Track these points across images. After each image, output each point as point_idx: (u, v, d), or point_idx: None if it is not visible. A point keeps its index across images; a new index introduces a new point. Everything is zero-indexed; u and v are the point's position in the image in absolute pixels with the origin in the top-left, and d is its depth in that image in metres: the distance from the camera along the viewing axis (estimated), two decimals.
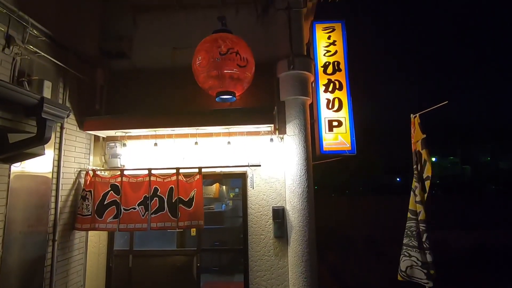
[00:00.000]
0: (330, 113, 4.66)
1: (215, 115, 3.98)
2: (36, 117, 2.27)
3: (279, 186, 4.24)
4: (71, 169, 3.81)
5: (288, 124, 4.30)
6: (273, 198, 4.21)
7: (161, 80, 4.58)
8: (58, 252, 3.48)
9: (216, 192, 7.74)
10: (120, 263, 4.15)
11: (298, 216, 4.04)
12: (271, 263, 4.05)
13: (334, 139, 4.60)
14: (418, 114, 3.87)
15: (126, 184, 3.91)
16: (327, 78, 4.74)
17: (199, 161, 4.18)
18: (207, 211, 7.42)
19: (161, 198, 3.87)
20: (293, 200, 4.10)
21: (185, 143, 4.30)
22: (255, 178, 4.24)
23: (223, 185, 7.79)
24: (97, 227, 3.83)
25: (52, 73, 3.52)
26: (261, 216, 4.18)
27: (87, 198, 3.86)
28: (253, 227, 4.15)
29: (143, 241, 4.49)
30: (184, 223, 3.82)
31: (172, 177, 3.91)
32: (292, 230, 4.03)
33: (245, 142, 4.30)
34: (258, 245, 4.10)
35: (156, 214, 3.83)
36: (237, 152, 4.27)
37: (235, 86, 3.81)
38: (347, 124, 4.62)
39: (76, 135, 3.94)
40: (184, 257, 4.15)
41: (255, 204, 4.20)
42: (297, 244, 3.98)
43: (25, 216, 3.10)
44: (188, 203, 3.86)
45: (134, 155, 4.34)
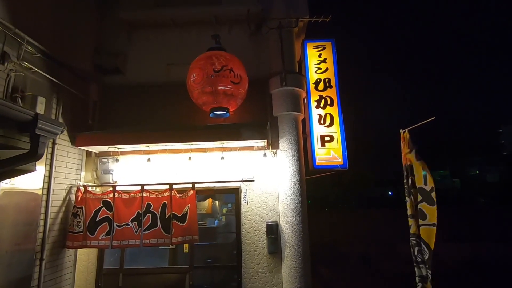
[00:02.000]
0: (322, 128, 4.75)
1: (209, 131, 4.01)
2: (29, 133, 2.26)
3: (273, 201, 4.24)
4: (62, 185, 3.75)
5: (281, 139, 4.36)
6: (267, 213, 4.20)
7: (155, 95, 4.62)
8: (46, 272, 3.36)
9: (209, 208, 7.65)
10: (109, 283, 4.02)
11: (292, 231, 4.03)
12: (265, 279, 3.99)
13: (326, 154, 4.67)
14: (407, 129, 4.00)
15: (118, 200, 3.85)
16: (319, 94, 4.86)
17: (192, 176, 4.17)
18: (199, 227, 7.36)
19: (154, 214, 3.82)
20: (286, 215, 4.10)
21: (179, 158, 4.30)
22: (248, 193, 4.24)
23: (216, 200, 7.71)
24: (89, 244, 3.73)
25: (45, 89, 3.52)
26: (254, 231, 4.15)
27: (78, 215, 3.78)
28: (247, 243, 4.11)
29: (134, 259, 4.39)
30: (178, 238, 3.77)
31: (165, 192, 3.88)
32: (286, 246, 4.01)
33: (239, 157, 4.33)
34: (252, 261, 4.05)
35: (149, 231, 3.77)
36: (230, 167, 4.28)
37: (229, 102, 3.87)
38: (339, 139, 4.71)
39: (68, 151, 3.91)
40: (176, 275, 4.05)
41: (248, 219, 4.19)
42: (291, 260, 3.95)
43: (12, 234, 3.02)
44: (181, 219, 3.82)
45: (126, 171, 4.30)
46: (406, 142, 3.93)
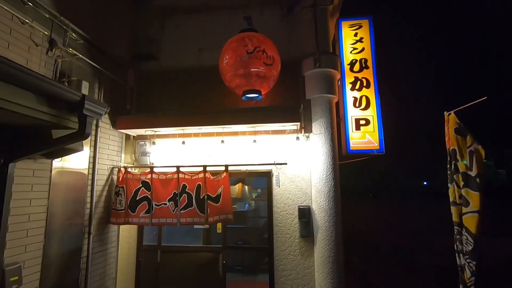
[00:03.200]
0: (357, 111, 4.57)
1: (240, 114, 4.02)
2: (78, 113, 2.40)
3: (305, 185, 4.20)
4: (105, 166, 3.99)
5: (314, 123, 4.26)
6: (299, 197, 4.18)
7: (188, 80, 4.71)
8: (93, 245, 3.64)
9: (238, 193, 7.80)
10: (148, 258, 4.27)
11: (324, 215, 3.98)
12: (297, 262, 4.01)
13: (361, 138, 4.51)
14: (453, 111, 3.71)
15: (156, 180, 4.03)
16: (354, 76, 4.66)
17: (225, 159, 4.24)
18: None
19: (190, 194, 3.95)
20: (319, 199, 4.04)
21: (212, 141, 4.38)
22: (280, 176, 4.23)
23: (245, 185, 7.83)
24: (130, 221, 3.98)
25: (88, 74, 3.72)
26: (286, 215, 4.15)
27: (120, 194, 4.02)
28: (279, 225, 4.13)
29: (171, 238, 4.61)
30: (213, 218, 3.88)
31: (199, 174, 3.99)
32: (319, 230, 3.98)
33: (271, 141, 4.31)
34: (284, 244, 4.08)
35: (185, 210, 3.92)
36: (262, 151, 4.28)
37: (261, 84, 3.83)
38: (375, 122, 4.51)
39: (110, 134, 4.13)
40: (210, 254, 4.20)
41: (280, 203, 4.19)
42: (323, 244, 3.91)
43: (64, 210, 3.28)
44: (215, 199, 3.92)
45: (162, 153, 4.47)
46: (452, 125, 3.66)
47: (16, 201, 2.65)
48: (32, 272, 2.80)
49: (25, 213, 2.76)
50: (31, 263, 2.79)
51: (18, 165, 2.67)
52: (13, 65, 1.91)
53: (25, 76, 1.98)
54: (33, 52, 2.93)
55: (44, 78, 2.14)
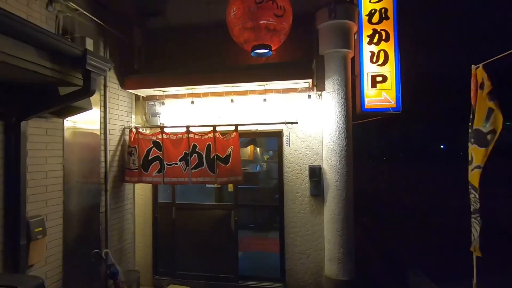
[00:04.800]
0: (374, 67, 4.31)
1: (250, 71, 3.86)
2: (81, 69, 2.35)
3: (316, 145, 4.13)
4: (116, 126, 4.03)
5: (327, 80, 4.06)
6: (310, 157, 4.13)
7: (196, 37, 4.50)
8: (110, 201, 3.81)
9: (250, 155, 7.84)
10: (164, 214, 4.47)
11: (335, 175, 3.95)
12: (307, 220, 4.09)
13: (377, 95, 4.30)
14: (481, 64, 3.41)
15: (166, 141, 4.06)
16: (372, 28, 4.31)
17: (235, 119, 4.17)
18: None
19: (200, 154, 3.98)
20: (330, 159, 3.99)
21: (221, 101, 4.29)
22: (291, 136, 4.16)
23: (257, 147, 7.84)
24: (144, 180, 4.10)
25: (92, 32, 3.59)
26: (297, 174, 4.15)
27: (132, 154, 4.10)
28: (289, 185, 4.16)
29: (185, 196, 4.76)
30: (222, 179, 3.93)
31: (209, 134, 3.97)
32: (329, 189, 3.98)
33: (282, 100, 4.18)
34: (294, 202, 4.14)
35: (196, 169, 3.98)
36: (273, 110, 4.17)
37: (271, 38, 3.60)
38: (393, 79, 4.26)
39: (119, 94, 4.10)
40: (223, 211, 4.34)
41: (291, 162, 4.17)
42: (334, 203, 3.94)
43: (79, 168, 3.39)
44: (225, 160, 3.93)
45: (172, 114, 4.45)
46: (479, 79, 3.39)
47: (32, 159, 2.73)
48: (54, 225, 2.98)
49: (43, 170, 2.87)
50: (53, 216, 2.96)
51: (31, 124, 2.72)
52: (12, 17, 1.84)
53: (24, 28, 1.92)
54: (33, 7, 2.82)
55: (44, 31, 2.06)
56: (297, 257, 4.09)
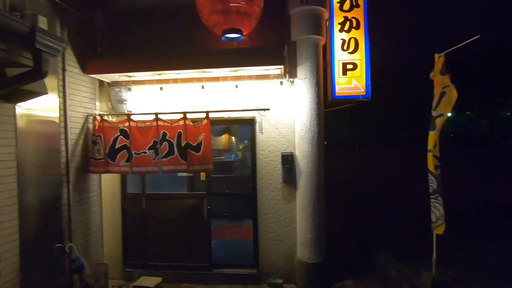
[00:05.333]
0: (345, 55, 4.34)
1: (221, 56, 3.76)
2: (30, 48, 2.14)
3: (289, 132, 4.14)
4: (78, 114, 3.78)
5: (299, 67, 4.05)
6: (282, 144, 4.14)
7: (164, 20, 4.28)
8: (73, 193, 3.60)
9: (225, 144, 7.75)
10: (134, 205, 4.32)
11: (307, 161, 4.00)
12: (280, 206, 4.13)
13: (347, 83, 4.35)
14: (444, 52, 3.55)
15: (134, 128, 3.88)
16: (344, 15, 4.32)
17: (206, 106, 4.06)
18: (216, 161, 7.58)
19: (171, 142, 3.85)
20: (302, 146, 4.02)
21: (192, 87, 4.15)
22: (264, 123, 4.14)
23: (232, 136, 7.78)
24: (111, 170, 3.91)
25: (48, 10, 3.29)
26: (270, 161, 4.15)
27: (97, 143, 3.88)
28: (262, 172, 4.16)
29: (155, 185, 4.62)
30: (193, 167, 3.85)
31: (179, 121, 3.84)
32: (301, 175, 4.03)
33: (254, 87, 4.12)
34: (267, 189, 4.15)
35: (167, 158, 3.85)
36: (245, 97, 4.11)
37: (242, 22, 3.51)
38: (363, 66, 4.32)
39: (80, 79, 3.84)
40: (195, 200, 4.27)
41: (264, 150, 4.16)
42: (305, 189, 4.00)
43: (36, 158, 3.15)
44: (196, 148, 3.84)
45: (140, 101, 4.25)
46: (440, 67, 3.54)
47: None
48: (8, 219, 2.75)
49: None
50: (5, 210, 2.73)
51: None
52: None
53: None
54: None
55: None
56: (271, 243, 4.14)
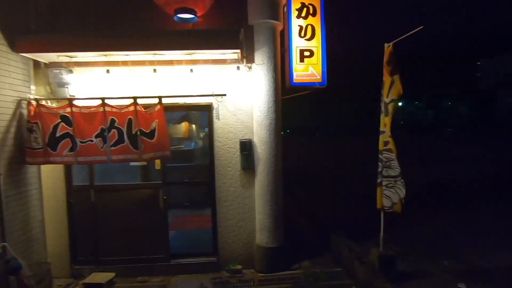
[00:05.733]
0: (302, 41, 4.35)
1: (173, 37, 3.55)
2: None
3: (247, 118, 4.09)
4: (8, 98, 3.33)
5: (257, 52, 3.99)
6: (241, 131, 4.09)
7: None
8: (7, 186, 3.21)
9: (185, 132, 7.53)
10: (81, 198, 4.00)
11: (265, 148, 4.00)
12: (238, 193, 4.11)
13: (304, 70, 4.38)
14: (392, 42, 3.72)
15: (77, 115, 3.54)
16: (301, 1, 4.30)
17: (159, 91, 3.84)
18: (176, 150, 7.33)
19: (120, 129, 3.59)
20: (260, 132, 4.01)
21: (143, 71, 3.89)
22: (221, 110, 4.03)
23: (192, 124, 7.56)
24: (52, 160, 3.55)
25: None
26: (228, 148, 4.09)
27: (34, 131, 3.48)
28: (220, 159, 4.08)
29: (105, 176, 4.31)
30: (148, 154, 3.64)
31: (129, 107, 3.58)
32: (259, 162, 4.03)
33: (210, 72, 3.98)
34: (225, 177, 4.09)
35: (116, 147, 3.59)
36: (201, 83, 3.96)
37: (196, 2, 3.33)
38: (319, 54, 4.37)
39: (10, 58, 3.37)
40: (150, 190, 4.07)
41: (221, 137, 4.07)
42: (264, 175, 4.02)
43: None
44: (150, 135, 3.63)
45: (85, 84, 3.87)
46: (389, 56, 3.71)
47: None
48: None
49: None
50: None
51: None
52: None
53: None
54: None
55: None
56: (230, 230, 4.12)
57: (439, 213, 6.39)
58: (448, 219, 5.99)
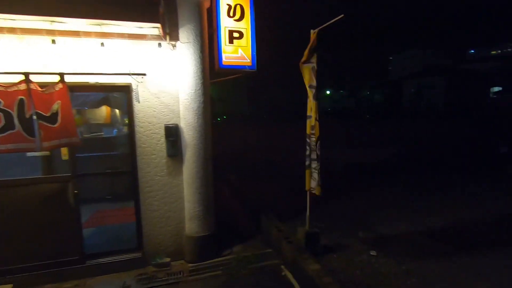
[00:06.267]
0: (231, 22, 4.15)
1: (76, 1, 2.97)
2: None
3: (172, 102, 3.78)
4: None
5: (182, 29, 3.67)
6: (166, 115, 3.77)
7: None
8: None
9: (107, 117, 6.74)
10: None
11: (193, 133, 3.78)
12: (165, 182, 3.83)
13: (234, 52, 4.22)
14: (317, 29, 3.82)
15: None
16: None
17: (61, 67, 3.24)
18: (95, 137, 6.51)
19: (8, 112, 2.92)
20: (188, 117, 3.76)
21: (39, 43, 3.21)
22: (142, 91, 3.63)
23: (115, 109, 6.78)
24: None
25: None
26: (151, 134, 3.74)
27: None
28: (143, 146, 3.71)
29: None
30: (50, 142, 3.06)
31: (20, 85, 2.93)
32: (187, 148, 3.80)
33: (127, 48, 3.51)
34: (149, 165, 3.75)
35: (4, 134, 2.92)
36: (117, 60, 3.48)
37: None
38: (248, 36, 4.25)
39: None
40: (55, 184, 3.47)
41: (143, 121, 3.69)
42: (192, 162, 3.81)
43: None
44: (51, 119, 3.05)
45: None
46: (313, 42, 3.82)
47: None
48: None
49: None
50: None
51: None
52: None
53: None
54: None
55: None
56: (156, 222, 3.84)
57: (359, 191, 7.13)
58: (364, 195, 6.72)
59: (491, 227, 4.84)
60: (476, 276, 3.46)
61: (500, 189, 6.95)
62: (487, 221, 5.08)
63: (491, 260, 3.80)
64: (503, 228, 4.80)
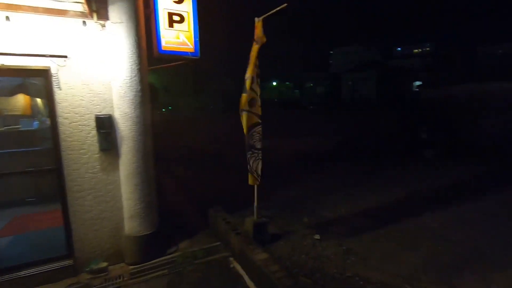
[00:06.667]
0: (170, 3, 3.85)
1: None
2: None
3: (104, 90, 3.37)
4: None
5: (112, 7, 3.26)
6: (96, 104, 3.35)
7: None
8: None
9: (26, 107, 5.81)
10: None
11: (130, 124, 3.44)
12: (98, 179, 3.43)
13: (175, 37, 3.94)
14: (262, 17, 3.76)
15: None
16: None
17: None
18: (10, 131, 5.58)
19: None
20: (123, 106, 3.40)
21: None
22: (66, 77, 3.16)
23: (36, 98, 5.88)
24: None
25: None
26: (79, 127, 3.30)
27: None
28: (68, 140, 3.26)
29: None
30: None
31: None
32: (123, 141, 3.45)
33: (44, 25, 3.00)
34: (78, 162, 3.32)
35: None
36: (30, 39, 2.95)
37: None
38: (190, 20, 4.00)
39: None
40: None
41: (69, 112, 3.23)
42: (130, 156, 3.48)
43: None
44: None
45: None
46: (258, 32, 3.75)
47: None
48: None
49: None
50: None
51: None
52: None
53: None
54: None
55: None
56: (89, 224, 3.44)
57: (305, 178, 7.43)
58: (310, 182, 7.03)
59: (408, 201, 5.49)
60: (405, 248, 3.88)
61: (415, 171, 7.91)
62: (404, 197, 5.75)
63: (416, 231, 4.30)
64: (413, 203, 5.46)
